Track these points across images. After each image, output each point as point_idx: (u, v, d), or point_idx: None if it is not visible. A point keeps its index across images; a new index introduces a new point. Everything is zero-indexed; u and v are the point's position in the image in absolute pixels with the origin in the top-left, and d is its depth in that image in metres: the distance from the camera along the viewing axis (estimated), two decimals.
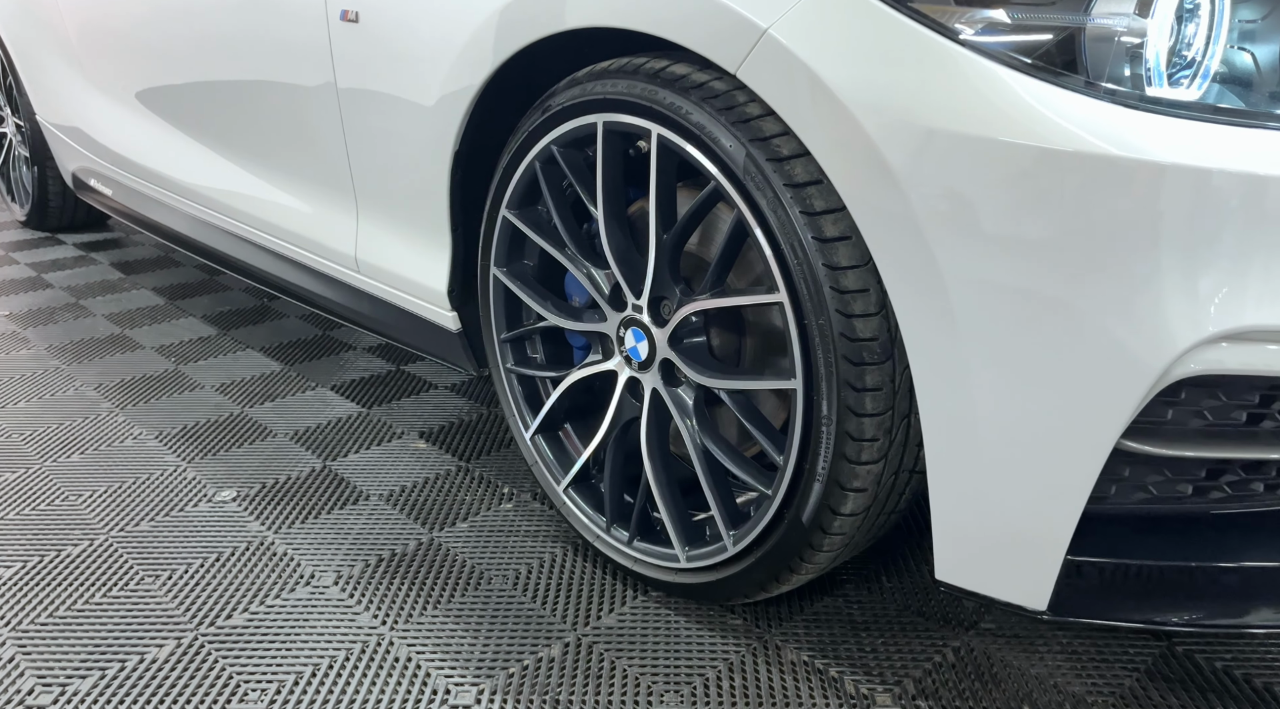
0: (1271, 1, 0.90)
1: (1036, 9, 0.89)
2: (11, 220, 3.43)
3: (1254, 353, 0.87)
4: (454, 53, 1.32)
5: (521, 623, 1.28)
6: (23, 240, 3.20)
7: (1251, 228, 0.84)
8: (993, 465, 0.95)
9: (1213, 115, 0.87)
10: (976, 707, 1.12)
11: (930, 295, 0.93)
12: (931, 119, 0.89)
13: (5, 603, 1.33)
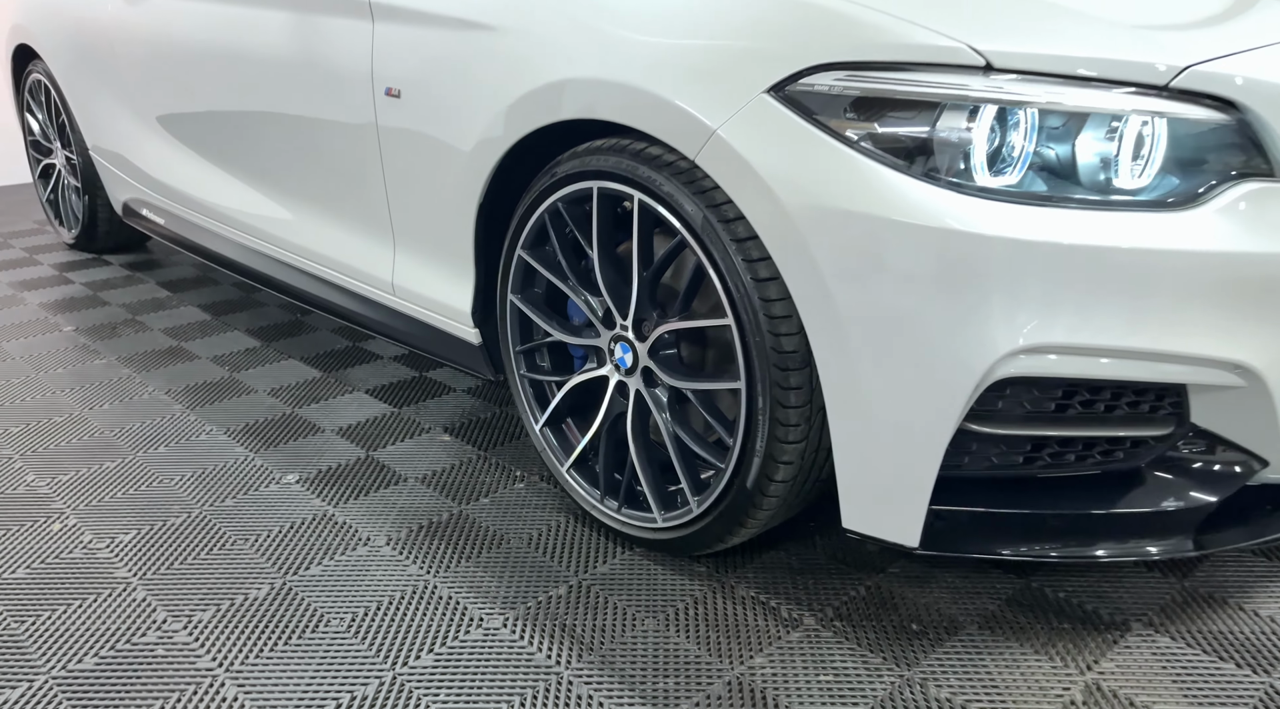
0: (1069, 114, 1.28)
1: (903, 122, 1.28)
2: (58, 242, 3.79)
3: (1051, 362, 1.26)
4: (478, 133, 1.70)
5: (535, 571, 1.65)
6: (73, 261, 3.56)
7: (1046, 276, 1.23)
8: (875, 440, 1.34)
9: (1023, 198, 1.25)
10: (876, 625, 1.50)
11: (829, 321, 1.31)
12: (829, 199, 1.28)
13: (132, 559, 1.70)
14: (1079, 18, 1.32)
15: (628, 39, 1.48)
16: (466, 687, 1.38)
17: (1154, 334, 1.26)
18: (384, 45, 1.90)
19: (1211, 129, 1.28)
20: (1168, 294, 1.26)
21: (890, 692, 1.36)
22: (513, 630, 1.50)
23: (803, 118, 1.31)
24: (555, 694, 1.37)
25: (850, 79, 1.29)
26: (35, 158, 3.75)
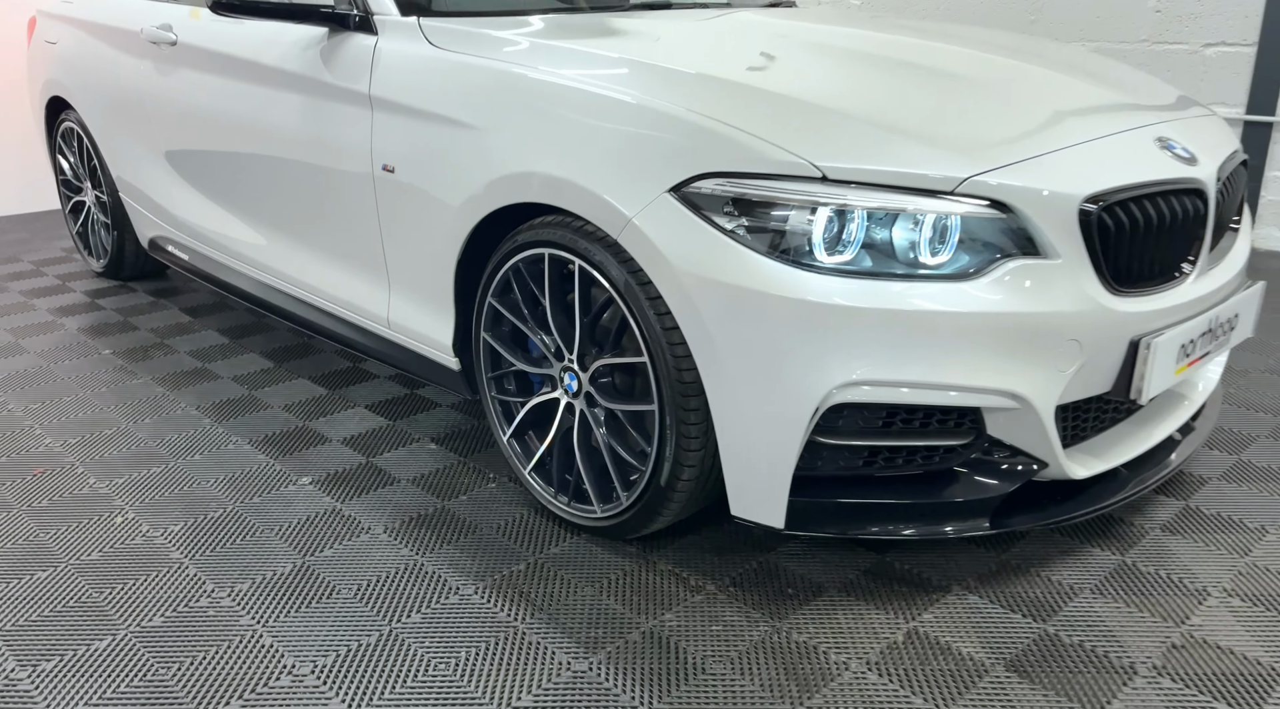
0: (885, 211, 1.74)
1: (763, 217, 1.74)
2: (86, 270, 4.24)
3: (871, 392, 1.72)
4: (458, 204, 2.16)
5: (501, 552, 2.11)
6: (103, 288, 4.01)
7: (867, 329, 1.69)
8: (749, 449, 1.80)
9: (853, 272, 1.71)
10: (760, 590, 1.96)
11: (713, 360, 1.77)
12: (711, 273, 1.74)
13: (182, 544, 2.15)
14: (894, 139, 1.79)
15: (573, 147, 1.94)
16: (446, 637, 1.84)
17: (948, 372, 1.73)
18: (382, 130, 2.35)
19: (989, 221, 1.74)
20: (958, 342, 1.72)
21: (763, 638, 1.82)
22: (482, 596, 1.96)
23: (693, 212, 1.77)
24: (512, 642, 1.82)
25: (727, 184, 1.75)
26: (66, 195, 4.19)
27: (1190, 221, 1.97)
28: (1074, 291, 1.78)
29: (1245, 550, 2.08)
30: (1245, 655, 1.76)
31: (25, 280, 4.15)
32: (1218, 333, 2.07)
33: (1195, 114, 2.29)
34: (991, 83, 2.13)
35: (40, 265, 4.38)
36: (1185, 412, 2.25)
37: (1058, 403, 1.82)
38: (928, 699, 1.66)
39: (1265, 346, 3.26)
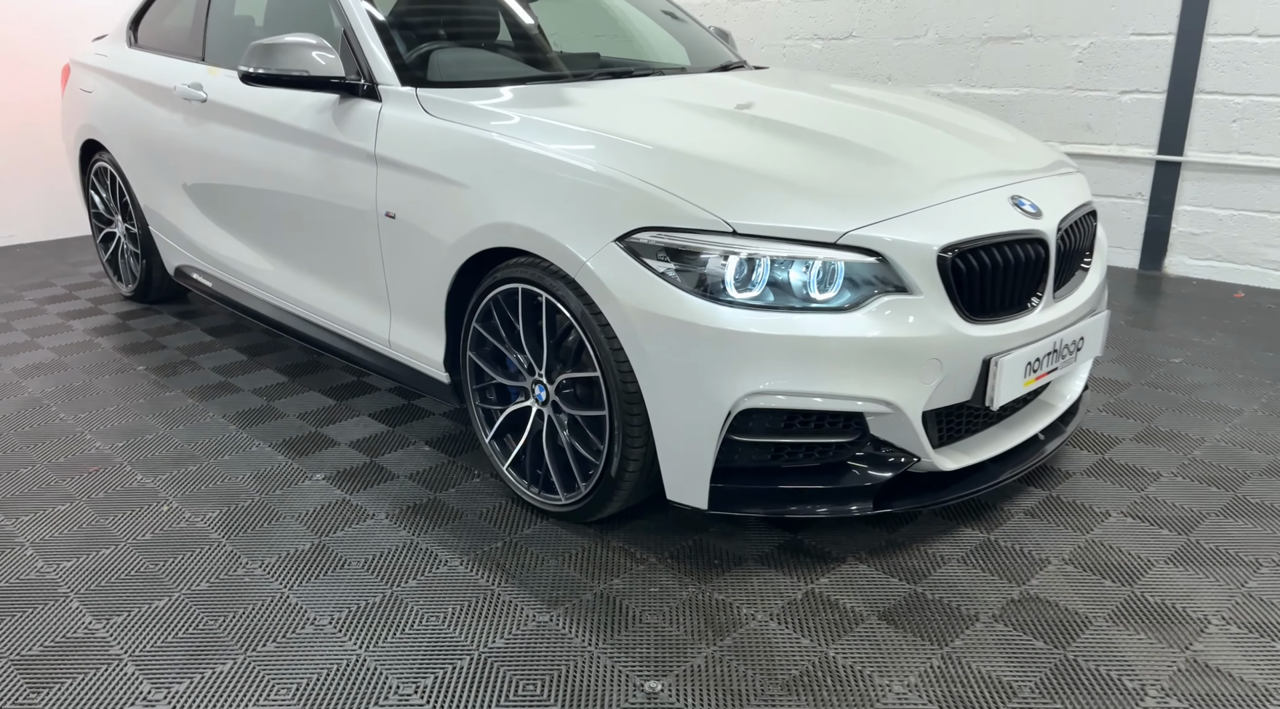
0: (783, 257, 2.21)
1: (687, 262, 2.21)
2: (115, 294, 4.70)
3: (771, 399, 2.19)
4: (449, 246, 2.63)
5: (482, 533, 2.57)
6: (131, 310, 4.47)
7: (768, 350, 2.16)
8: (678, 445, 2.26)
9: (759, 306, 2.18)
10: (692, 562, 2.42)
11: (650, 375, 2.24)
12: (648, 306, 2.20)
13: (223, 527, 2.61)
14: (791, 199, 2.26)
15: (542, 204, 2.41)
16: (436, 598, 2.30)
17: (834, 384, 2.20)
18: (385, 182, 2.83)
19: (866, 265, 2.22)
20: (841, 361, 2.19)
21: (690, 597, 2.28)
22: (466, 567, 2.42)
23: (633, 258, 2.24)
24: (489, 600, 2.28)
25: (659, 236, 2.23)
26: (97, 226, 4.66)
27: (1034, 264, 2.45)
28: (934, 321, 2.25)
29: (1087, 529, 2.55)
30: (1067, 608, 2.23)
31: (60, 303, 4.61)
32: (1064, 353, 2.55)
33: (1058, 172, 2.77)
34: (883, 149, 2.61)
35: (72, 289, 4.84)
36: (1047, 418, 2.73)
37: (924, 409, 2.30)
38: (813, 640, 2.12)
39: (1150, 362, 3.74)
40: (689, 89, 3.14)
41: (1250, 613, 2.20)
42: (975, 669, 2.03)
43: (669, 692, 1.98)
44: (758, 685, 1.99)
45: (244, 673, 2.05)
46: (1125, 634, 2.14)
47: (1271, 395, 3.42)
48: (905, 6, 5.51)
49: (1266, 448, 3.02)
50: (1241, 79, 4.51)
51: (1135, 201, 4.94)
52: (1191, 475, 2.85)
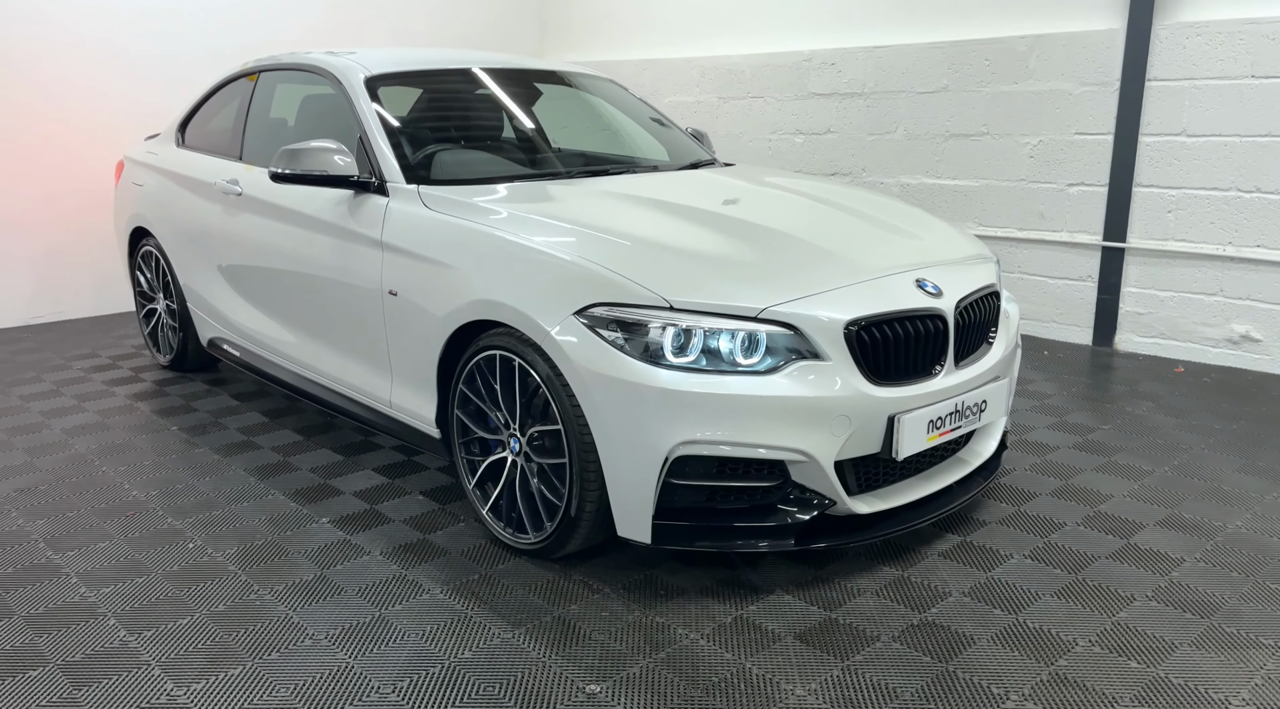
0: (713, 329, 2.64)
1: (633, 332, 2.64)
2: (153, 364, 5.20)
3: (701, 448, 2.59)
4: (439, 319, 3.08)
5: (463, 567, 2.96)
6: (168, 378, 4.96)
7: (699, 407, 2.57)
8: (625, 488, 2.66)
9: (694, 369, 2.60)
10: (641, 593, 2.79)
11: (602, 428, 2.65)
12: (601, 369, 2.63)
13: (243, 561, 3.02)
14: (720, 281, 2.70)
15: (517, 283, 2.86)
16: (417, 619, 2.68)
17: (756, 436, 2.60)
18: (389, 265, 3.30)
19: (783, 335, 2.65)
20: (762, 416, 2.60)
21: (635, 620, 2.65)
22: (445, 595, 2.81)
23: (589, 329, 2.68)
24: (462, 622, 2.66)
25: (609, 310, 2.67)
26: (141, 303, 5.18)
27: (935, 336, 2.86)
28: (842, 383, 2.67)
29: (989, 569, 2.91)
30: (957, 631, 2.58)
31: (104, 372, 5.11)
32: (966, 413, 2.94)
33: (966, 260, 3.20)
34: (809, 237, 3.06)
35: (115, 359, 5.34)
36: (960, 472, 3.11)
37: (836, 458, 2.69)
38: (735, 655, 2.49)
39: (1079, 428, 4.11)
40: (652, 185, 3.62)
41: (1121, 639, 2.55)
42: (868, 678, 2.39)
43: (606, 694, 2.34)
44: (681, 689, 2.36)
45: (251, 676, 2.43)
46: (1002, 652, 2.49)
47: (1184, 461, 3.77)
48: (877, 106, 6.04)
49: (1164, 503, 3.37)
50: (1174, 174, 4.96)
51: (1086, 283, 5.35)
52: (1093, 526, 3.20)
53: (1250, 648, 2.50)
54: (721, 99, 6.88)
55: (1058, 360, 5.13)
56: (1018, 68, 5.40)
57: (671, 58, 7.19)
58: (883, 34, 5.99)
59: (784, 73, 6.48)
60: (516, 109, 4.27)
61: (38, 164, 6.06)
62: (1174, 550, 3.03)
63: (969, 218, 5.75)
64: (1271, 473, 3.62)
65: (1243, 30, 4.63)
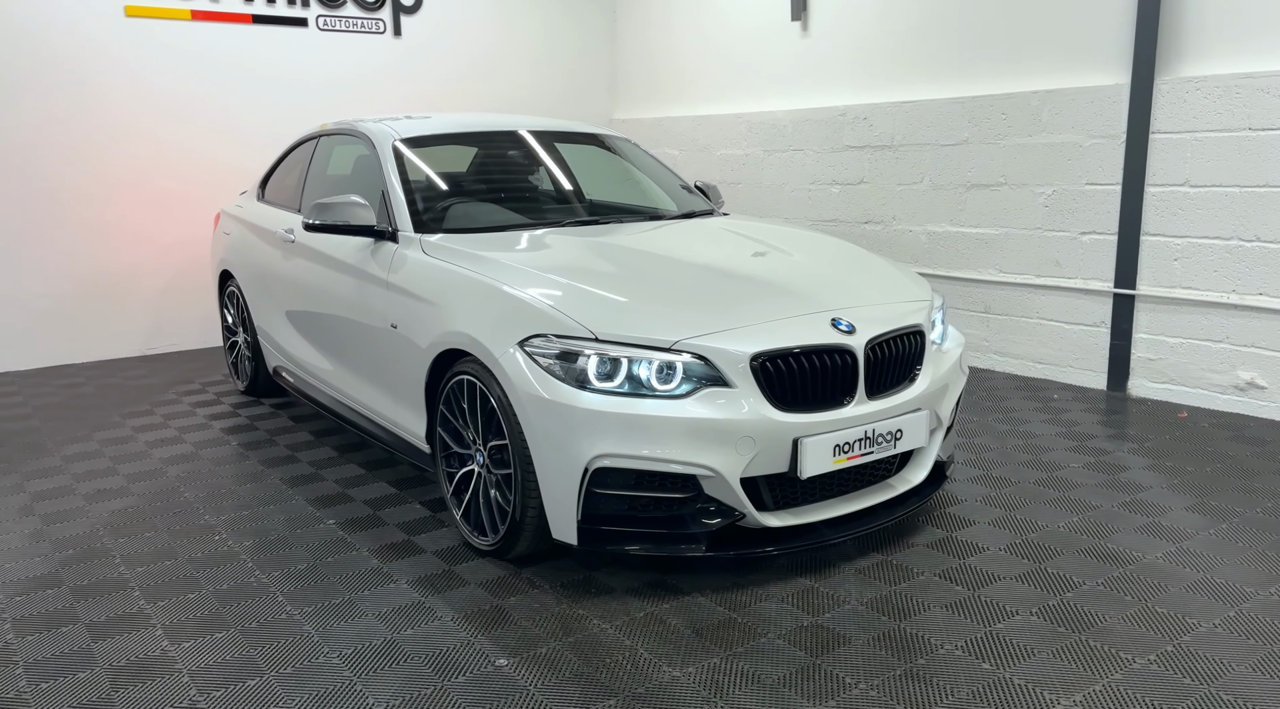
0: (633, 357, 3.03)
1: (564, 360, 3.05)
2: (234, 389, 5.91)
3: (618, 460, 2.98)
4: (423, 349, 3.57)
5: (434, 565, 3.41)
6: (242, 402, 5.64)
7: (618, 425, 2.96)
8: (555, 496, 3.06)
9: (618, 393, 3.00)
10: (575, 590, 3.17)
11: (536, 441, 3.07)
12: (536, 392, 3.05)
13: (295, 579, 3.55)
14: (641, 316, 3.11)
15: (479, 317, 3.33)
16: (378, 601, 3.14)
17: (668, 452, 2.97)
18: (392, 303, 3.82)
19: (695, 365, 3.02)
20: (674, 435, 2.97)
21: (561, 611, 3.04)
22: (410, 585, 3.25)
23: (529, 356, 3.11)
24: (427, 616, 3.10)
25: (546, 341, 3.10)
26: (226, 336, 5.91)
27: (843, 370, 3.17)
28: (747, 408, 3.01)
29: (896, 584, 3.17)
30: (836, 632, 2.86)
31: (194, 395, 5.84)
32: (878, 440, 3.22)
33: (894, 302, 3.49)
34: (745, 280, 3.43)
35: (205, 385, 6.09)
36: (883, 496, 3.37)
37: (742, 475, 3.02)
38: (633, 642, 2.84)
39: (1049, 465, 4.27)
40: (625, 233, 4.07)
41: (984, 646, 2.78)
42: (740, 666, 2.70)
43: (511, 667, 2.74)
44: (577, 666, 2.73)
45: (266, 688, 2.66)
46: (871, 651, 2.76)
47: (1136, 498, 3.90)
48: (905, 157, 6.31)
49: (1095, 534, 3.53)
50: (1179, 223, 5.06)
51: (1100, 329, 5.46)
52: (1014, 551, 3.40)
53: (1108, 661, 2.69)
54: (766, 152, 7.26)
55: (1062, 404, 5.25)
56: (1032, 121, 5.61)
57: (722, 113, 7.63)
58: (910, 90, 6.28)
59: (821, 127, 6.83)
60: (529, 166, 4.79)
61: (159, 216, 6.94)
62: (1078, 575, 3.21)
63: (990, 265, 5.94)
64: (1218, 513, 3.72)
65: (1239, 84, 4.75)
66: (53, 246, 6.59)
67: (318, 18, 7.29)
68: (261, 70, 7.13)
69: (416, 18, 7.71)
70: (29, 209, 6.48)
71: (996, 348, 6.02)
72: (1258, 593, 3.07)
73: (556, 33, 8.52)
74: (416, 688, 2.64)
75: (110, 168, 6.70)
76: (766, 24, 7.20)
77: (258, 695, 2.63)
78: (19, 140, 6.37)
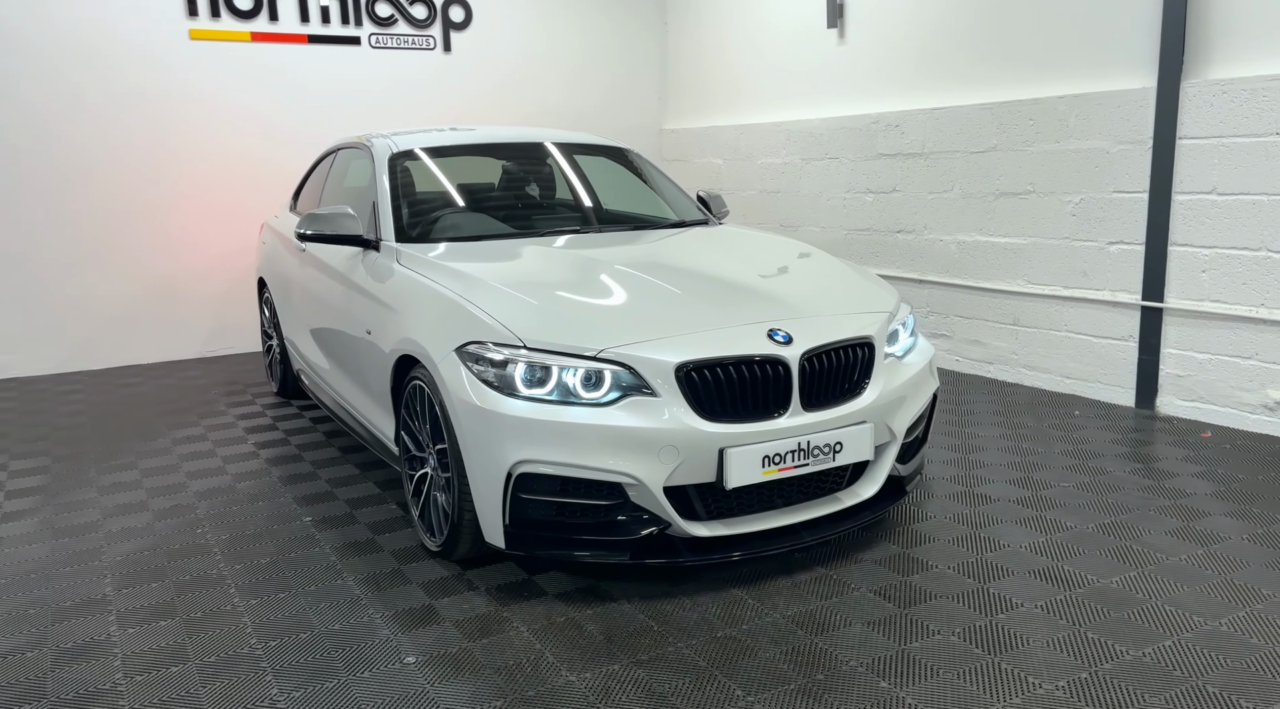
0: (561, 365, 3.08)
1: (493, 366, 3.12)
2: (270, 392, 6.19)
3: (539, 466, 3.02)
4: (386, 354, 3.70)
5: (393, 564, 3.51)
6: (273, 403, 5.90)
7: (543, 431, 3.01)
8: (485, 500, 3.13)
9: (547, 400, 3.05)
10: (508, 593, 3.23)
11: (468, 446, 3.14)
12: (466, 398, 3.13)
13: (266, 598, 3.74)
14: (570, 325, 3.15)
15: (424, 323, 3.43)
16: (329, 606, 3.26)
17: (592, 459, 3.00)
18: (368, 309, 3.96)
19: (621, 373, 3.04)
20: (598, 442, 3.00)
21: (486, 612, 3.09)
22: (355, 582, 3.37)
23: (463, 362, 3.19)
24: (360, 612, 3.21)
25: (480, 348, 3.17)
26: (264, 340, 6.20)
27: (775, 381, 3.13)
28: (671, 417, 3.01)
29: (828, 598, 3.11)
30: (749, 645, 2.83)
31: (232, 396, 6.14)
32: (814, 453, 3.17)
33: (843, 314, 3.43)
34: (689, 290, 3.43)
35: (247, 387, 6.39)
36: (826, 510, 3.31)
37: (666, 484, 3.03)
38: (542, 645, 2.88)
39: (1038, 484, 4.10)
40: (599, 245, 4.13)
41: (887, 665, 2.71)
42: (638, 675, 2.71)
43: (417, 665, 2.81)
44: (479, 667, 2.78)
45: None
46: (773, 664, 2.72)
47: (1114, 521, 3.71)
48: (936, 165, 6.17)
49: (1055, 556, 3.39)
50: (1206, 233, 4.80)
51: (1128, 343, 5.22)
52: (965, 571, 3.30)
53: (1012, 685, 2.59)
54: (804, 160, 7.19)
55: (1080, 421, 5.03)
56: (1059, 127, 5.41)
57: (763, 122, 7.59)
58: (939, 96, 6.14)
59: (855, 134, 6.73)
60: (524, 177, 4.89)
61: (219, 226, 7.32)
62: (1019, 597, 3.09)
63: (1018, 276, 5.75)
64: (1202, 538, 3.52)
65: (1266, 87, 4.48)
66: (123, 254, 7.03)
67: (370, 36, 7.58)
68: (316, 87, 7.45)
69: (466, 33, 7.93)
70: (102, 219, 6.93)
71: (1025, 362, 5.82)
72: (1205, 624, 2.90)
73: (604, 45, 8.62)
74: (321, 680, 2.74)
75: (176, 180, 7.11)
76: (804, 32, 7.14)
77: (177, 681, 2.77)
78: (95, 155, 6.83)
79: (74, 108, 6.73)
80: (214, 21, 7.09)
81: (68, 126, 6.74)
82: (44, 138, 6.68)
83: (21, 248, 6.72)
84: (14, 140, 6.60)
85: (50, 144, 6.70)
